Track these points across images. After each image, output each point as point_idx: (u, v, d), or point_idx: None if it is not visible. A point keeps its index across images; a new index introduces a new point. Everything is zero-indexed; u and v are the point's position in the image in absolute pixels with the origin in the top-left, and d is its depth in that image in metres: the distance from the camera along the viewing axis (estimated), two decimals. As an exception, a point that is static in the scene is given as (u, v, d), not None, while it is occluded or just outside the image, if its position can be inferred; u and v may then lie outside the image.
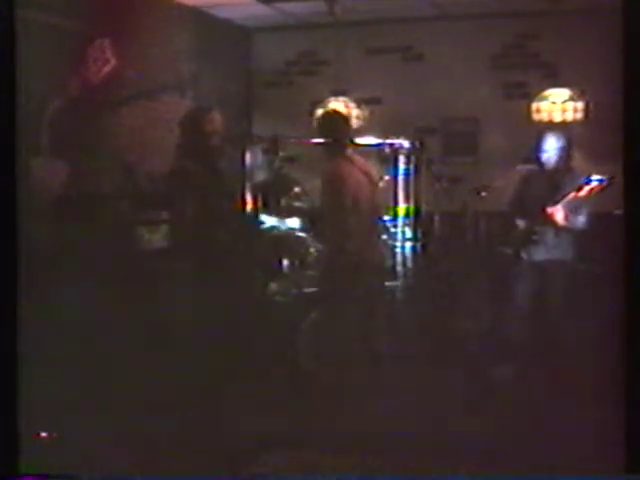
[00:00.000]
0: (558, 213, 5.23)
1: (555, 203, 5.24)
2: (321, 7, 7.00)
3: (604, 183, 5.06)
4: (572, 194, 5.19)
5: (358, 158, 5.16)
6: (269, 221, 5.73)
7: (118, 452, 3.86)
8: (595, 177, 5.12)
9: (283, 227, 5.78)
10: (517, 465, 3.82)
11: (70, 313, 4.26)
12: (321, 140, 5.21)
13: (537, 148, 5.45)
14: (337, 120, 5.35)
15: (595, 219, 5.33)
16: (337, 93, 7.79)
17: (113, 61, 4.36)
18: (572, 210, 5.24)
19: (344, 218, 4.89)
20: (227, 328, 4.72)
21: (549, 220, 5.27)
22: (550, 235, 5.33)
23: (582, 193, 5.15)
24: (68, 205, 4.65)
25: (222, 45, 7.80)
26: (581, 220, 5.29)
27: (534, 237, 5.32)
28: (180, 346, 4.60)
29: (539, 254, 5.36)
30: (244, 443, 4.12)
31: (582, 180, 5.17)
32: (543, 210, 5.28)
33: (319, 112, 7.11)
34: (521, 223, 5.44)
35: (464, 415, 4.47)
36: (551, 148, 5.40)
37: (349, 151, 5.09)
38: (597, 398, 4.07)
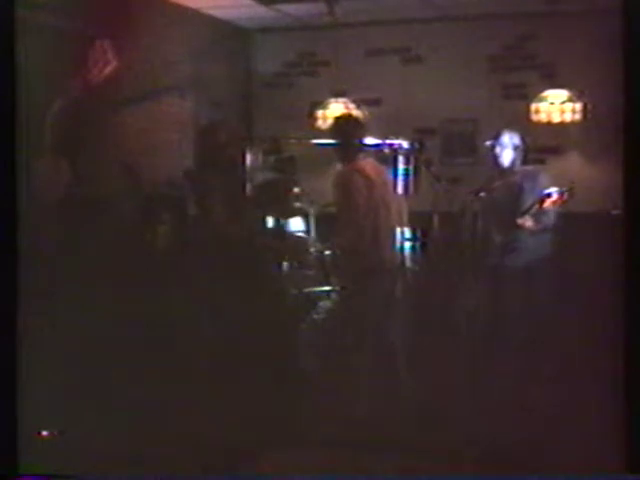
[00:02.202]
0: (527, 223, 5.25)
1: (522, 214, 5.25)
2: (321, 8, 7.02)
3: (564, 194, 5.10)
4: (535, 207, 5.22)
5: (371, 160, 5.21)
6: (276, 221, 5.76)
7: (118, 452, 3.86)
8: (554, 189, 5.15)
9: (291, 228, 5.82)
10: (517, 465, 3.82)
11: (71, 313, 4.26)
12: (321, 141, 5.23)
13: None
14: (352, 124, 5.36)
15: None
16: (337, 94, 7.80)
17: (114, 62, 4.36)
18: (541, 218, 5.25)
19: (359, 220, 4.94)
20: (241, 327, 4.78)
21: (521, 229, 5.28)
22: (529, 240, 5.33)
23: (545, 205, 5.18)
24: (70, 206, 4.66)
25: (222, 46, 7.81)
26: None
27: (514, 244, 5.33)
28: (185, 344, 4.63)
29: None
30: (244, 442, 4.13)
31: (543, 193, 5.19)
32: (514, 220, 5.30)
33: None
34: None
35: (462, 415, 4.48)
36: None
37: (362, 154, 5.13)
38: (597, 398, 4.08)
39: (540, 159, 6.63)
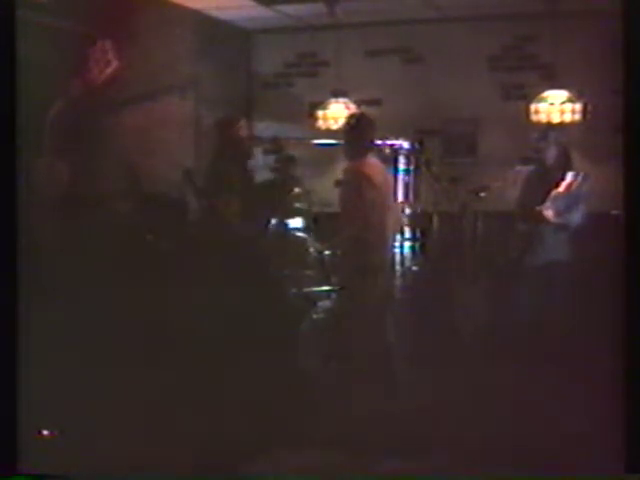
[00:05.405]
0: (547, 211, 5.30)
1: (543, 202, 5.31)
2: (321, 9, 7.02)
3: (578, 178, 5.20)
4: (553, 192, 5.28)
5: (375, 159, 5.23)
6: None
7: (118, 452, 3.86)
8: (569, 173, 5.26)
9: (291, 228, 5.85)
10: (517, 465, 3.82)
11: (71, 313, 4.26)
12: (321, 141, 5.26)
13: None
14: (366, 122, 5.37)
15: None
16: (337, 94, 7.80)
17: (115, 62, 4.37)
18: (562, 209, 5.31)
19: (366, 216, 4.97)
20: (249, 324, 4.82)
21: (542, 220, 5.33)
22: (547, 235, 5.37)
23: (561, 189, 5.25)
24: (70, 205, 4.66)
25: (223, 47, 7.82)
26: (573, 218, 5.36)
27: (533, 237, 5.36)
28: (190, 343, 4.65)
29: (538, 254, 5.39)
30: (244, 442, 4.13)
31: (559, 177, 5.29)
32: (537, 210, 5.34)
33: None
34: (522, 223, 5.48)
35: (463, 415, 4.49)
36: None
37: (369, 152, 5.15)
38: (597, 398, 4.08)
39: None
